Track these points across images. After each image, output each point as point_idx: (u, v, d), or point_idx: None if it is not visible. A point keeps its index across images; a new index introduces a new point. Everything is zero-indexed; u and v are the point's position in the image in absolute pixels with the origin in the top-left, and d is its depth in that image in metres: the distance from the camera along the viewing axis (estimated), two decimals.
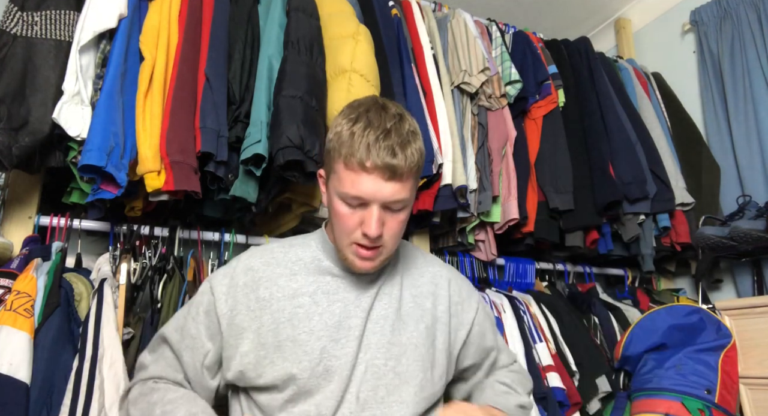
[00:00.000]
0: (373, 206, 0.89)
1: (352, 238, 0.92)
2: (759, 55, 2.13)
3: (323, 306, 0.96)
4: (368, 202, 0.89)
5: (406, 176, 0.89)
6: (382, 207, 0.89)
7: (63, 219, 1.41)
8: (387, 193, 0.88)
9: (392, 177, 0.87)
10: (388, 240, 0.93)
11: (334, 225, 0.96)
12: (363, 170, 0.87)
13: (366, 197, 0.88)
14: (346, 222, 0.92)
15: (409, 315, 1.01)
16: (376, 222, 0.88)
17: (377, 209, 0.89)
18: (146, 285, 1.43)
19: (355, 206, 0.90)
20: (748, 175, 2.09)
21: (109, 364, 1.15)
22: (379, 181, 0.87)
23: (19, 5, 1.33)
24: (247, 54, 1.50)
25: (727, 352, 1.63)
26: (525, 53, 2.07)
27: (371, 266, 0.95)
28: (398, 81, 1.70)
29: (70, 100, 1.28)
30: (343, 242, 0.94)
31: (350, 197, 0.89)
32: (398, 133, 0.88)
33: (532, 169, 1.95)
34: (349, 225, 0.92)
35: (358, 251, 0.93)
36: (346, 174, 0.89)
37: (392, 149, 0.86)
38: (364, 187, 0.87)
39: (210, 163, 1.38)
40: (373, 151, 0.86)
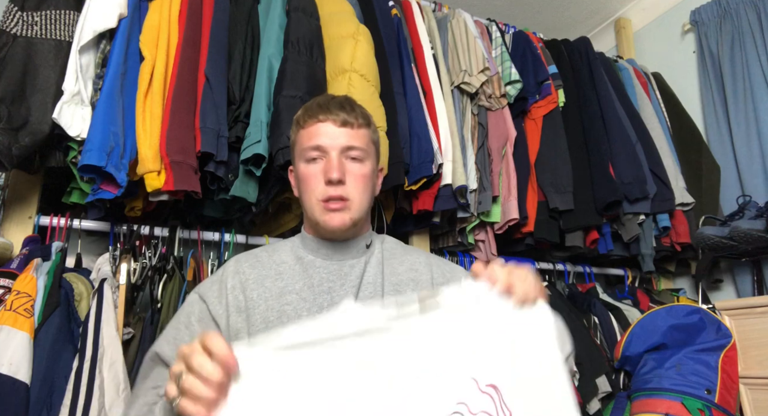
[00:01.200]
0: (332, 153, 0.96)
1: (319, 194, 0.96)
2: (759, 55, 2.13)
3: (310, 300, 0.97)
4: (326, 149, 0.96)
5: (357, 127, 0.98)
6: (341, 154, 0.96)
7: (63, 219, 1.41)
8: (342, 138, 0.96)
9: (344, 124, 0.97)
10: (353, 192, 0.97)
11: (303, 194, 1.00)
12: (317, 121, 0.97)
13: (323, 144, 0.96)
14: (310, 180, 0.97)
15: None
16: (336, 165, 0.94)
17: (336, 155, 0.95)
18: (146, 285, 1.43)
19: (316, 159, 0.97)
20: (748, 175, 2.09)
21: (109, 364, 1.15)
22: (333, 127, 0.96)
23: (19, 5, 1.33)
24: (247, 54, 1.50)
25: (727, 352, 1.63)
26: (525, 53, 2.07)
27: (341, 220, 0.97)
28: (398, 81, 1.70)
29: (70, 100, 1.28)
30: (312, 203, 0.97)
31: (310, 150, 0.96)
32: (346, 99, 1.02)
33: (532, 169, 1.95)
34: (313, 182, 0.96)
35: (327, 206, 0.96)
36: (304, 133, 0.99)
37: (341, 104, 0.99)
38: (320, 135, 0.96)
39: (210, 163, 1.38)
40: (324, 107, 0.98)
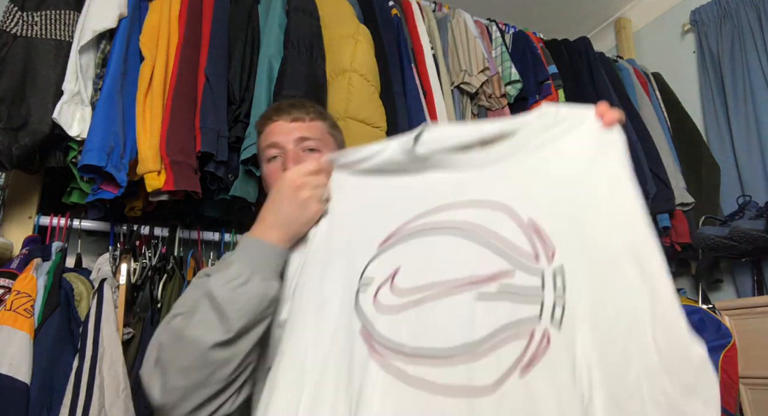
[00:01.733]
0: (287, 147, 0.98)
1: None
2: (759, 55, 2.13)
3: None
4: (281, 144, 0.98)
5: (309, 120, 1.01)
6: (296, 146, 0.98)
7: (63, 219, 1.41)
8: (295, 131, 0.99)
9: (295, 119, 1.00)
10: None
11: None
12: (271, 122, 1.01)
13: (278, 140, 0.99)
14: (273, 177, 0.98)
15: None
16: (290, 156, 0.96)
17: (291, 146, 0.98)
18: (146, 285, 1.43)
19: (276, 156, 0.99)
20: (748, 175, 2.09)
21: (109, 364, 1.15)
22: (285, 123, 1.00)
23: (19, 5, 1.33)
24: (247, 54, 1.50)
25: (727, 352, 1.63)
26: (525, 53, 2.07)
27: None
28: (398, 81, 1.70)
29: (70, 100, 1.28)
30: None
31: (268, 148, 1.00)
32: (300, 101, 1.07)
33: None
34: (275, 179, 0.95)
35: None
36: (262, 137, 1.03)
37: (293, 105, 1.03)
38: (274, 133, 1.00)
39: (210, 163, 1.38)
40: (276, 109, 1.03)
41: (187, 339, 0.71)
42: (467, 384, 0.60)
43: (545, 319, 0.59)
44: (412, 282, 0.69)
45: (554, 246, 0.63)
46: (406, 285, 0.69)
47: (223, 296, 0.72)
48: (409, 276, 0.70)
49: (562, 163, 0.67)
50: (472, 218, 0.69)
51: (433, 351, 0.63)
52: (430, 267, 0.69)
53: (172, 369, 0.71)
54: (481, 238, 0.67)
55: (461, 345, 0.62)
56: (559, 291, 0.60)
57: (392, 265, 0.71)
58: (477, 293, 0.64)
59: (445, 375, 0.61)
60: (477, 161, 0.72)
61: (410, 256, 0.71)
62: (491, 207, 0.68)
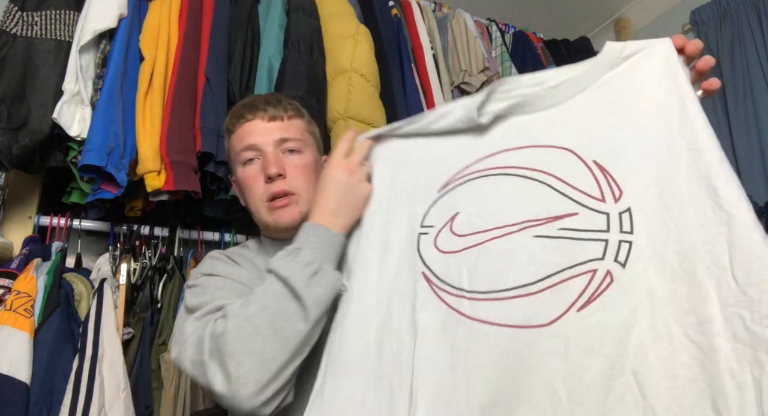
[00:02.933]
0: (266, 149, 0.92)
1: (261, 195, 0.91)
2: (759, 55, 2.13)
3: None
4: (259, 147, 0.92)
5: (287, 118, 0.95)
6: (276, 148, 0.92)
7: (63, 220, 1.41)
8: (273, 132, 0.92)
9: (273, 118, 0.93)
10: (299, 185, 0.92)
11: (247, 198, 0.95)
12: (246, 121, 0.94)
13: (255, 142, 0.92)
14: (250, 183, 0.92)
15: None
16: (270, 161, 0.90)
17: (271, 149, 0.92)
18: (146, 285, 1.43)
19: (253, 159, 0.93)
20: (748, 175, 2.08)
21: (109, 364, 1.15)
22: (262, 123, 0.93)
23: (19, 5, 1.33)
24: (247, 54, 1.50)
25: None
26: (525, 53, 2.07)
27: (291, 216, 0.91)
28: (398, 81, 1.70)
29: (70, 100, 1.28)
30: (258, 206, 0.93)
31: (244, 151, 0.93)
32: (273, 95, 1.01)
33: None
34: (255, 184, 0.92)
35: (271, 205, 0.91)
36: (235, 137, 0.95)
37: (266, 100, 0.96)
38: (250, 134, 0.93)
39: (210, 163, 1.38)
40: (249, 106, 0.95)
41: (265, 329, 0.69)
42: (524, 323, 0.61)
43: (608, 258, 0.59)
44: (470, 226, 0.70)
45: (623, 187, 0.62)
46: (465, 229, 0.71)
47: (300, 284, 0.71)
48: (468, 219, 0.71)
49: (629, 100, 0.66)
50: (533, 160, 0.69)
51: (492, 292, 0.65)
52: (488, 209, 0.70)
53: (247, 360, 0.68)
54: (544, 180, 0.67)
55: (519, 286, 0.63)
56: (626, 231, 0.60)
57: (452, 209, 0.73)
58: (537, 234, 0.64)
59: (504, 313, 0.63)
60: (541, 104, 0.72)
61: (469, 199, 0.73)
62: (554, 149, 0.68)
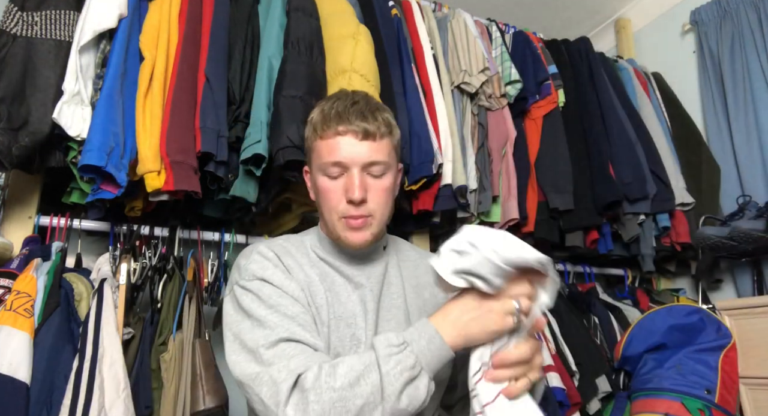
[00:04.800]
0: (353, 170, 0.91)
1: (340, 212, 0.93)
2: (759, 55, 2.13)
3: (338, 294, 0.96)
4: (347, 165, 0.92)
5: (379, 138, 0.93)
6: (362, 170, 0.92)
7: (63, 219, 1.41)
8: (363, 153, 0.91)
9: (366, 137, 0.91)
10: (376, 208, 0.94)
11: (322, 206, 0.96)
12: (337, 135, 0.92)
13: (344, 160, 0.91)
14: (331, 196, 0.93)
15: (412, 305, 1.02)
16: (358, 185, 0.90)
17: (357, 172, 0.91)
18: (146, 285, 1.43)
19: (337, 176, 0.93)
20: (748, 175, 2.09)
21: (109, 364, 1.15)
22: (354, 141, 0.91)
23: (19, 5, 1.33)
24: (247, 54, 1.50)
25: (727, 352, 1.63)
26: (525, 53, 2.07)
27: (363, 238, 0.94)
28: (398, 81, 1.70)
29: (70, 100, 1.28)
30: (333, 219, 0.94)
31: (330, 165, 0.92)
32: (366, 102, 0.95)
33: (532, 169, 1.95)
34: (334, 199, 0.93)
35: (348, 223, 0.93)
36: (323, 145, 0.93)
37: (362, 113, 0.92)
38: (340, 151, 0.91)
39: (210, 163, 1.38)
40: (344, 116, 0.92)
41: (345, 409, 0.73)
42: None
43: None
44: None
45: None
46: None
47: (391, 389, 0.74)
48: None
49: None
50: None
51: None
52: None
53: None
54: None
55: None
56: None
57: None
58: None
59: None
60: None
61: None
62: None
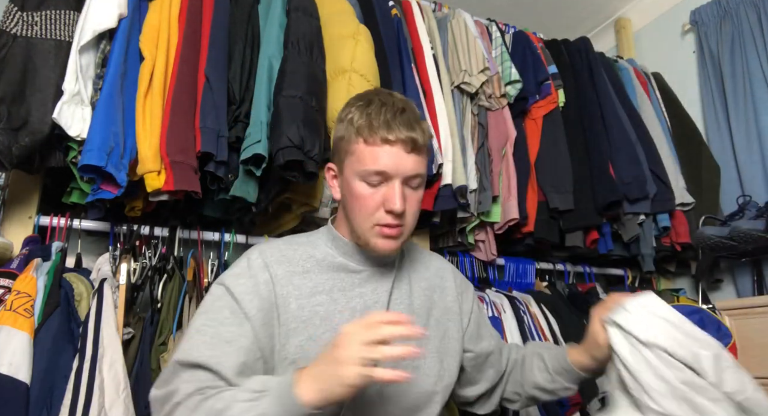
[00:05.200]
0: (395, 181, 0.90)
1: (375, 219, 0.91)
2: (759, 55, 2.13)
3: (342, 303, 0.95)
4: (391, 176, 0.90)
5: (422, 150, 0.92)
6: (403, 182, 0.91)
7: (63, 219, 1.41)
8: (409, 165, 0.90)
9: (413, 149, 0.90)
10: (409, 218, 0.94)
11: (354, 211, 0.94)
12: (386, 143, 0.89)
13: (389, 171, 0.89)
14: (367, 203, 0.91)
15: (421, 307, 1.03)
16: (399, 196, 0.89)
17: (399, 184, 0.90)
18: (146, 285, 1.43)
19: (376, 184, 0.91)
20: (748, 175, 2.09)
21: (109, 364, 1.15)
22: (402, 153, 0.89)
23: (19, 5, 1.33)
24: (247, 54, 1.50)
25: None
26: (525, 53, 2.07)
27: (394, 246, 0.94)
28: (398, 81, 1.70)
29: (70, 100, 1.28)
30: (365, 226, 0.93)
31: (373, 173, 0.90)
32: (411, 111, 0.93)
33: (532, 169, 1.95)
34: (371, 206, 0.91)
35: (382, 231, 0.92)
36: (368, 151, 0.90)
37: (410, 123, 0.90)
38: (387, 160, 0.89)
39: (210, 163, 1.38)
40: (393, 125, 0.89)
41: None
42: None
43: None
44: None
45: None
46: None
47: None
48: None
49: None
50: None
51: None
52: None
53: None
54: None
55: None
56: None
57: None
58: None
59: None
60: None
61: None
62: None
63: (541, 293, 1.92)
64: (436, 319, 1.04)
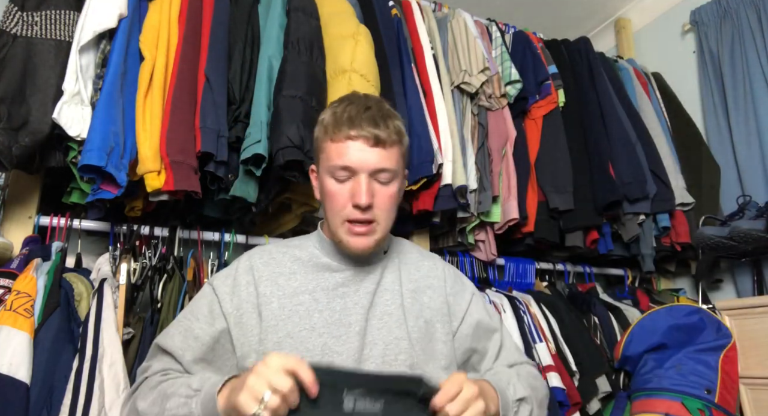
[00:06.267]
0: (361, 175, 0.93)
1: (344, 215, 0.94)
2: (759, 55, 2.13)
3: (323, 303, 0.97)
4: (356, 170, 0.93)
5: (389, 145, 0.94)
6: (370, 176, 0.93)
7: (63, 219, 1.41)
8: (373, 159, 0.93)
9: (376, 144, 0.93)
10: (380, 214, 0.95)
11: (326, 208, 0.98)
12: (348, 139, 0.93)
13: (353, 165, 0.93)
14: (336, 199, 0.95)
15: (409, 310, 1.02)
16: (365, 190, 0.92)
17: (365, 178, 0.93)
18: (146, 285, 1.43)
19: (344, 179, 0.94)
20: (748, 175, 2.09)
21: (109, 364, 1.15)
22: (365, 147, 0.93)
23: (19, 5, 1.33)
24: (247, 54, 1.50)
25: (727, 352, 1.63)
26: (525, 53, 2.07)
27: (366, 244, 0.96)
28: (398, 81, 1.70)
29: (70, 100, 1.28)
30: (336, 222, 0.96)
31: (339, 169, 0.93)
32: (379, 109, 0.96)
33: (532, 169, 1.95)
34: (340, 202, 0.94)
35: (351, 228, 0.95)
36: (333, 147, 0.94)
37: (374, 119, 0.93)
38: (350, 155, 0.93)
39: (210, 163, 1.38)
40: (356, 121, 0.93)
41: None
42: None
43: None
44: None
45: None
46: None
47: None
48: None
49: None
50: None
51: None
52: None
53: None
54: None
55: None
56: None
57: None
58: None
59: None
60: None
61: None
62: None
63: (541, 293, 1.92)
64: (426, 321, 1.02)
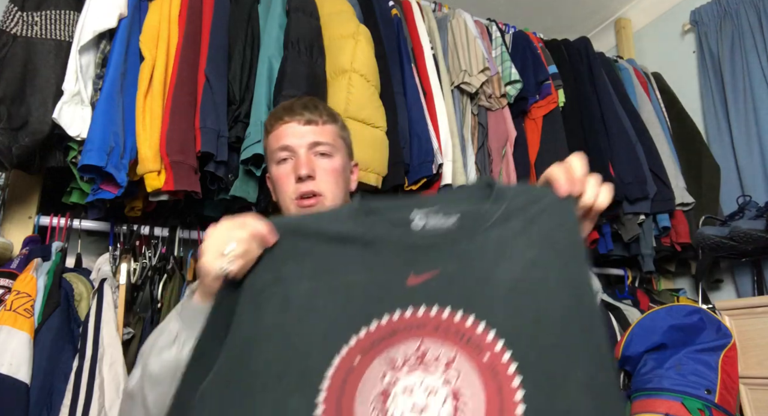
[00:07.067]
0: (299, 151, 0.98)
1: (291, 193, 0.97)
2: (759, 55, 2.13)
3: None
4: (293, 148, 0.98)
5: (322, 123, 1.00)
6: (309, 150, 0.98)
7: (63, 219, 1.41)
8: (308, 135, 0.98)
9: (309, 122, 0.99)
10: (325, 187, 0.98)
11: (279, 196, 1.01)
12: (283, 123, 1.00)
13: (290, 143, 0.98)
14: (283, 180, 0.98)
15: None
16: (304, 161, 0.96)
17: (303, 151, 0.98)
18: (146, 285, 1.43)
19: (286, 159, 0.99)
20: (748, 175, 2.09)
21: (109, 364, 1.16)
22: (298, 126, 0.99)
23: (19, 5, 1.33)
24: (247, 54, 1.50)
25: (727, 352, 1.63)
26: (525, 53, 2.07)
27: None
28: (398, 81, 1.70)
29: (70, 100, 1.28)
30: (287, 203, 0.99)
31: (279, 150, 0.99)
32: (311, 100, 1.05)
33: (532, 169, 1.95)
34: (285, 181, 0.98)
35: (299, 203, 0.97)
36: (272, 136, 1.01)
37: (305, 105, 1.01)
38: (286, 135, 0.99)
39: (210, 163, 1.38)
40: (288, 109, 1.01)
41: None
42: None
43: None
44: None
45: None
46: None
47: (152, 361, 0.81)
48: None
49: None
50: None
51: None
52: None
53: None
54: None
55: None
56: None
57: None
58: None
59: None
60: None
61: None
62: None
63: None
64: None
